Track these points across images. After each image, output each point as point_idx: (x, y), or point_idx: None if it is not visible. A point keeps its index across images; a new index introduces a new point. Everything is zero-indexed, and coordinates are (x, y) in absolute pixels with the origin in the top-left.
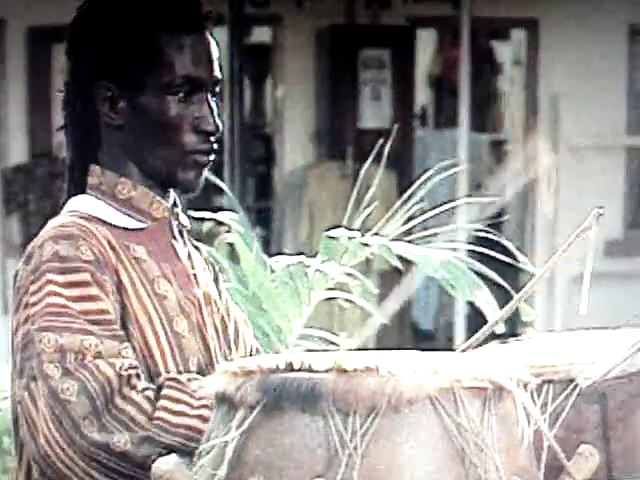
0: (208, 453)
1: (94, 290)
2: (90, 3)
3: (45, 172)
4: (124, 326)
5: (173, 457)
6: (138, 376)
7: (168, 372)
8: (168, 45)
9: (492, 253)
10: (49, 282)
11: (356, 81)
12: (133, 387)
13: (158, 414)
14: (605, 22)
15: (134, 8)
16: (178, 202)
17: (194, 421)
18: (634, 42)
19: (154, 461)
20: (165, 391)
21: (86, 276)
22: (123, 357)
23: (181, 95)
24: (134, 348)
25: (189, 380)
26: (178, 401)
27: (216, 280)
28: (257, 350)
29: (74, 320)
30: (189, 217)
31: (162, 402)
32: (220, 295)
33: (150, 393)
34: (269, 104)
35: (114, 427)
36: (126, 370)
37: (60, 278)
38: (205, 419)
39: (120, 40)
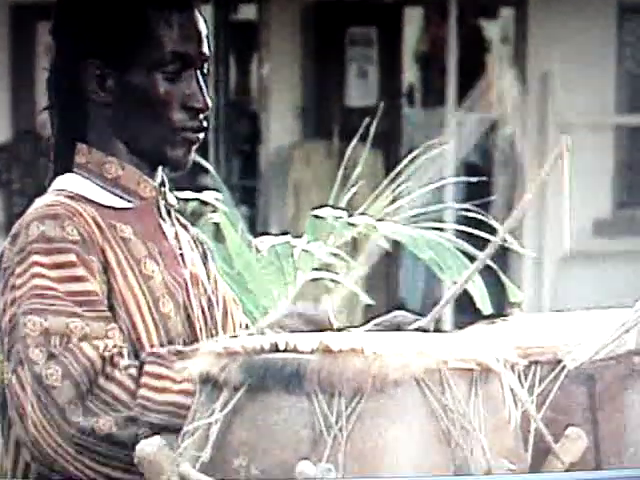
0: (192, 435)
1: (80, 271)
2: None
3: (29, 151)
4: (110, 306)
5: (156, 439)
6: (121, 355)
7: None
8: (157, 22)
9: (480, 233)
10: (35, 264)
11: (343, 59)
12: (115, 366)
13: (141, 392)
14: None
15: None
16: (165, 181)
17: (178, 397)
18: (623, 19)
19: (140, 441)
20: (146, 367)
21: (72, 257)
22: (108, 338)
23: (170, 72)
24: (120, 329)
25: (169, 353)
26: (160, 377)
27: (205, 258)
28: (247, 327)
29: (60, 302)
30: (175, 196)
31: (144, 379)
32: (208, 274)
33: (133, 371)
34: (255, 82)
35: (99, 409)
36: (109, 350)
37: (46, 259)
38: (189, 393)
39: (108, 17)
